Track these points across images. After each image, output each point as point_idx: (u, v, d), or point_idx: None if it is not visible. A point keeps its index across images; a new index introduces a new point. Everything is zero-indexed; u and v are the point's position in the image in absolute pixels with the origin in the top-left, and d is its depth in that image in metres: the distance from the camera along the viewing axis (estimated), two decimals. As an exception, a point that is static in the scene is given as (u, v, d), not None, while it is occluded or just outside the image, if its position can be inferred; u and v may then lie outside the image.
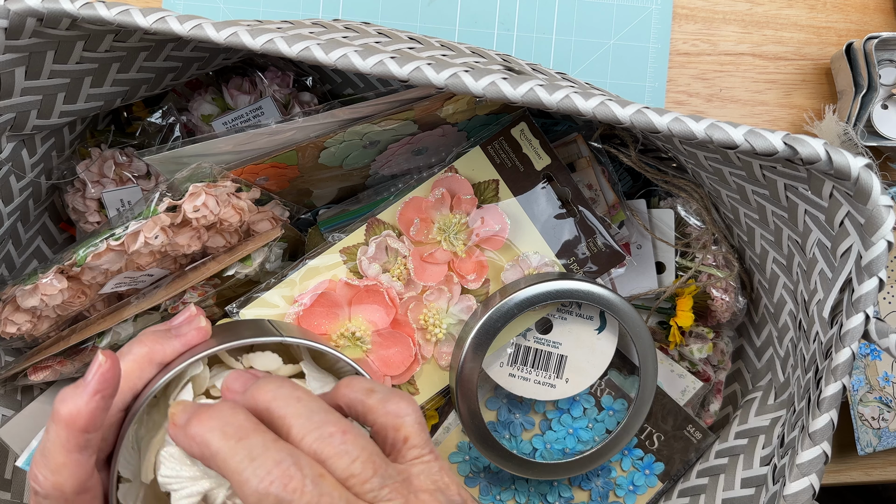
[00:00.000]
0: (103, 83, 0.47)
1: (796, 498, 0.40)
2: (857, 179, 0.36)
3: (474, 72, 0.38)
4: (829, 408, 0.39)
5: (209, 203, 0.47)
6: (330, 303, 0.51)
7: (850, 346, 0.39)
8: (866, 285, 0.38)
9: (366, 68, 0.38)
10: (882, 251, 0.37)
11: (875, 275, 0.38)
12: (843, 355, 0.39)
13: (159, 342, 0.37)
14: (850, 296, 0.39)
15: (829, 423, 0.39)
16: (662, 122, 0.37)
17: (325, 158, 0.51)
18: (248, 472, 0.29)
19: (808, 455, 0.40)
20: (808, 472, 0.40)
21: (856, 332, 0.39)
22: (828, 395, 0.39)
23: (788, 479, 0.40)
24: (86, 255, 0.45)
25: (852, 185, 0.37)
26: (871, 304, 0.38)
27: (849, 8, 0.68)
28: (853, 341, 0.38)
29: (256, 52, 0.38)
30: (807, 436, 0.40)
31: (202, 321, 0.39)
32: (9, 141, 0.46)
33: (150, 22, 0.38)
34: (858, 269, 0.39)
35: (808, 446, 0.40)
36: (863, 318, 0.38)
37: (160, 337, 0.37)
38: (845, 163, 0.36)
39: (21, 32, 0.39)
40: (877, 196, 0.37)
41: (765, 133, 0.37)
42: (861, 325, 0.38)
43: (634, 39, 0.66)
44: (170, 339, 0.37)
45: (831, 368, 0.39)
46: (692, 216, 0.57)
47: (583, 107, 0.37)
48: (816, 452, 0.39)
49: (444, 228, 0.53)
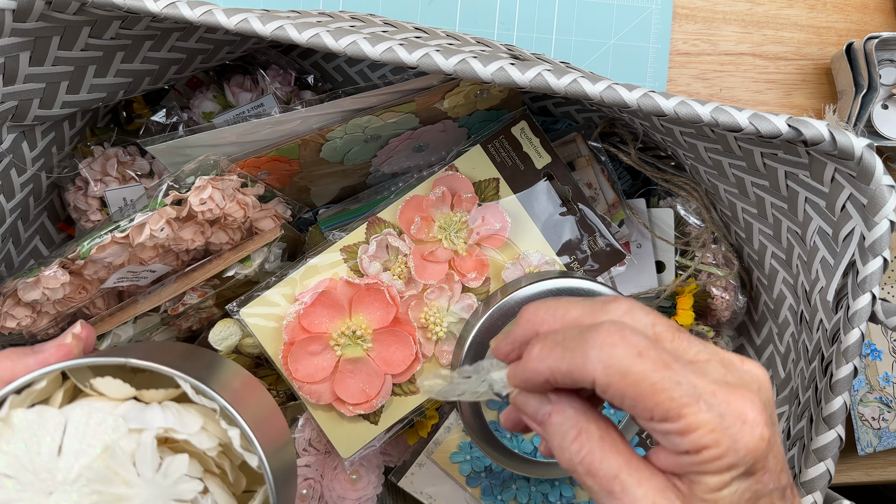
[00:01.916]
0: (107, 73, 0.46)
1: (813, 484, 0.40)
2: (860, 159, 0.37)
3: (482, 57, 0.38)
4: (842, 390, 0.39)
5: (215, 196, 0.46)
6: (331, 301, 0.50)
7: (859, 327, 0.39)
8: (871, 265, 0.39)
9: (375, 55, 0.38)
10: (886, 230, 0.38)
11: (879, 254, 0.38)
12: (853, 336, 0.39)
13: (12, 359, 0.33)
14: (855, 278, 0.40)
15: (842, 405, 0.39)
16: (669, 105, 0.38)
17: (327, 153, 0.51)
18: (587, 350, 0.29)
19: (823, 439, 0.40)
20: (825, 457, 0.39)
21: (863, 312, 0.39)
22: (840, 378, 0.39)
23: (805, 466, 0.40)
24: (90, 248, 0.45)
25: (855, 164, 0.37)
26: (876, 284, 0.39)
27: (849, 8, 0.69)
28: (861, 322, 0.39)
29: (266, 38, 0.38)
30: (821, 420, 0.40)
31: (68, 336, 0.35)
32: (10, 132, 0.46)
33: (160, 7, 0.38)
34: (862, 250, 0.39)
35: (822, 430, 0.40)
36: (869, 298, 0.39)
37: (18, 354, 0.34)
38: (849, 143, 0.37)
39: (28, 15, 0.39)
40: (879, 175, 0.37)
41: (769, 116, 0.38)
42: (868, 306, 0.39)
43: (634, 39, 0.67)
44: (25, 356, 0.34)
45: (841, 351, 0.39)
46: (692, 215, 0.58)
47: (590, 91, 0.38)
48: (832, 436, 0.39)
49: (444, 227, 0.53)
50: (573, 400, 0.31)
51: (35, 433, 0.31)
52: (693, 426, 0.27)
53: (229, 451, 0.35)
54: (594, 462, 0.29)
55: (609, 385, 0.28)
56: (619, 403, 0.29)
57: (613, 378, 0.28)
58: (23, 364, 0.33)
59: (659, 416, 0.28)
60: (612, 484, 0.29)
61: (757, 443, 0.27)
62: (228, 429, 0.34)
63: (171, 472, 0.31)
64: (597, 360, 0.28)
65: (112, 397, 0.34)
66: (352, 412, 0.51)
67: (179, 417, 0.33)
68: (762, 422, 0.28)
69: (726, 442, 0.27)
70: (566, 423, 0.31)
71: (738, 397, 0.28)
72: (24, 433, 0.31)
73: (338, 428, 0.51)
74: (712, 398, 0.28)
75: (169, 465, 0.31)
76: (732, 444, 0.27)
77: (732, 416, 0.27)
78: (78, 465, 0.31)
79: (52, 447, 0.31)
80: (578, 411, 0.31)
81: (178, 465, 0.32)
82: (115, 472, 0.31)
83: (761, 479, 0.28)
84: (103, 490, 0.30)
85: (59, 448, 0.31)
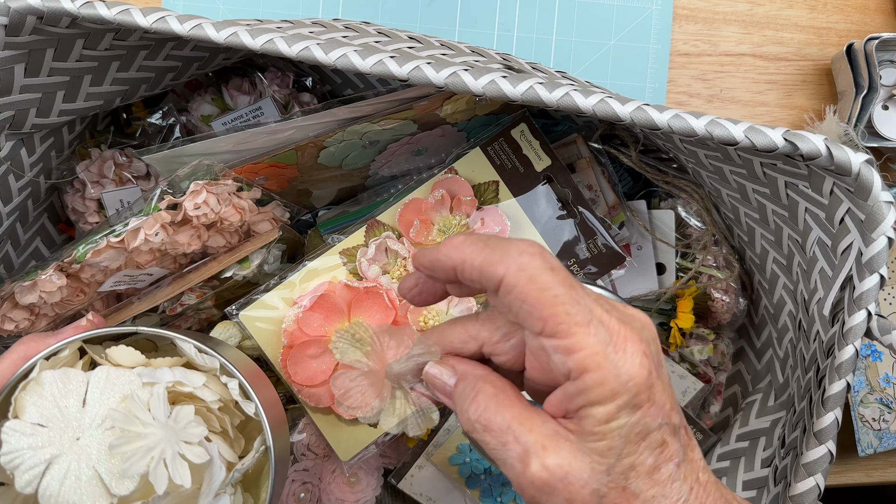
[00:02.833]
0: (103, 82, 0.47)
1: (802, 498, 0.39)
2: (857, 175, 0.36)
3: (474, 70, 0.38)
4: (833, 406, 0.39)
5: (210, 201, 0.46)
6: (330, 305, 0.51)
7: (853, 344, 0.38)
8: (867, 282, 0.38)
9: (365, 68, 0.38)
10: (883, 247, 0.37)
11: (876, 271, 0.38)
12: (847, 353, 0.39)
13: (35, 340, 0.39)
14: (852, 293, 0.39)
15: (833, 421, 0.39)
16: (662, 118, 0.37)
17: (325, 158, 0.50)
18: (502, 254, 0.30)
19: (813, 454, 0.39)
20: (814, 472, 0.39)
21: (858, 329, 0.38)
22: (832, 394, 0.39)
23: (794, 480, 0.40)
24: (85, 252, 0.45)
25: (853, 180, 0.37)
26: (872, 301, 0.38)
27: (849, 9, 0.68)
28: (856, 339, 0.38)
29: (256, 52, 0.38)
30: (811, 435, 0.40)
31: (83, 321, 0.41)
32: (8, 140, 0.46)
33: (150, 22, 0.38)
34: (859, 266, 0.39)
35: (813, 445, 0.39)
36: (865, 315, 0.38)
37: (40, 336, 0.39)
38: (846, 158, 0.36)
39: (21, 29, 0.39)
40: (877, 192, 0.37)
41: (765, 129, 0.37)
42: (863, 323, 0.38)
43: (635, 40, 0.66)
44: (47, 338, 0.39)
45: (835, 366, 0.39)
46: (693, 217, 0.57)
47: (583, 104, 0.37)
48: (822, 452, 0.39)
49: (443, 230, 0.53)
50: (476, 367, 0.33)
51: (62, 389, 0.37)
52: (579, 345, 0.28)
53: (229, 411, 0.41)
54: (489, 418, 0.30)
55: (514, 286, 0.29)
56: (517, 309, 0.29)
57: (521, 280, 0.29)
58: (45, 343, 0.39)
59: (550, 328, 0.29)
60: (505, 435, 0.30)
61: (637, 370, 0.28)
62: (228, 381, 0.40)
63: (180, 418, 0.37)
64: (513, 260, 0.29)
65: (125, 365, 0.39)
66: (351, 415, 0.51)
67: (185, 375, 0.39)
68: (640, 351, 0.29)
69: (607, 367, 0.28)
70: (466, 388, 0.32)
71: (623, 328, 0.29)
72: (53, 389, 0.37)
73: (337, 431, 0.52)
74: (601, 325, 0.29)
75: (178, 412, 0.37)
76: (614, 370, 0.28)
77: (616, 344, 0.28)
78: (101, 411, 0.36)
79: (77, 400, 0.37)
80: (477, 376, 0.32)
81: (187, 413, 0.37)
82: (135, 414, 0.36)
83: (648, 412, 0.29)
84: (125, 428, 0.35)
85: (83, 401, 0.37)
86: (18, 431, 0.35)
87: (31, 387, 0.37)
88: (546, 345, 0.29)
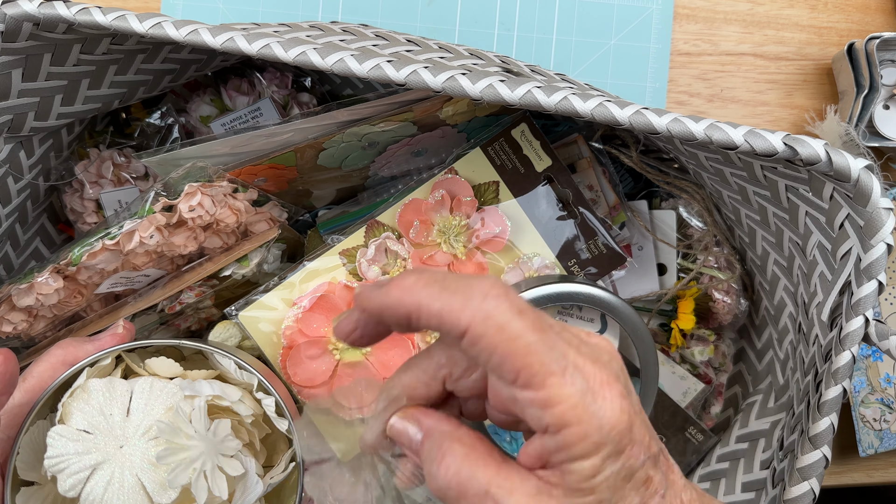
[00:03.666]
0: (101, 85, 0.47)
1: (797, 502, 0.39)
2: (857, 181, 0.36)
3: (471, 74, 0.38)
4: (829, 411, 0.39)
5: (205, 203, 0.46)
6: (329, 305, 0.51)
7: (850, 350, 0.38)
8: (865, 288, 0.38)
9: (362, 72, 0.38)
10: (881, 254, 0.37)
11: (874, 277, 0.38)
12: (843, 358, 0.39)
13: (74, 346, 0.39)
14: (850, 299, 0.39)
15: (829, 426, 0.39)
16: (661, 122, 0.37)
17: (324, 160, 0.50)
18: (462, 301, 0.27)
19: (808, 459, 0.39)
20: (809, 476, 0.39)
21: (855, 335, 0.38)
22: (828, 399, 0.39)
23: (789, 484, 0.40)
24: (81, 255, 0.45)
25: (852, 186, 0.37)
26: (870, 307, 0.38)
27: (850, 8, 0.68)
28: (853, 344, 0.38)
29: (253, 56, 0.38)
30: (807, 440, 0.39)
31: (119, 328, 0.42)
32: (6, 143, 0.46)
33: (146, 27, 0.38)
34: (858, 271, 0.39)
35: (808, 450, 0.39)
36: (862, 321, 0.38)
37: (77, 342, 0.40)
38: (845, 164, 0.36)
39: (17, 36, 0.39)
40: (876, 198, 0.36)
41: (764, 133, 0.37)
42: (861, 329, 0.38)
43: (635, 40, 0.66)
44: (85, 343, 0.40)
45: (831, 372, 0.39)
46: (694, 217, 0.57)
47: (581, 108, 0.37)
48: (817, 456, 0.39)
49: (443, 230, 0.53)
50: (441, 422, 0.30)
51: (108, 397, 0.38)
52: (557, 399, 0.26)
53: (259, 425, 0.43)
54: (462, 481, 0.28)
55: (482, 337, 0.26)
56: (486, 359, 0.27)
57: (490, 330, 0.26)
58: (83, 350, 0.39)
59: (523, 380, 0.26)
60: (484, 501, 0.27)
61: (619, 416, 0.26)
62: (264, 398, 0.42)
63: (219, 432, 0.38)
64: (477, 307, 0.26)
65: (163, 375, 0.41)
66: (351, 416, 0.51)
67: (223, 389, 0.40)
68: (618, 393, 0.27)
69: (588, 419, 0.26)
70: (432, 448, 0.29)
71: (598, 371, 0.27)
72: (99, 397, 0.38)
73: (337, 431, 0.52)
74: (577, 372, 0.26)
75: (217, 425, 0.38)
76: (596, 422, 0.26)
77: (594, 392, 0.26)
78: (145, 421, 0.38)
79: (121, 409, 0.38)
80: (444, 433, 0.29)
81: (224, 426, 0.39)
82: (180, 426, 0.37)
83: (631, 454, 0.27)
84: (170, 440, 0.37)
85: (127, 410, 0.38)
86: (65, 437, 0.36)
87: (78, 394, 0.38)
88: (519, 396, 0.27)
